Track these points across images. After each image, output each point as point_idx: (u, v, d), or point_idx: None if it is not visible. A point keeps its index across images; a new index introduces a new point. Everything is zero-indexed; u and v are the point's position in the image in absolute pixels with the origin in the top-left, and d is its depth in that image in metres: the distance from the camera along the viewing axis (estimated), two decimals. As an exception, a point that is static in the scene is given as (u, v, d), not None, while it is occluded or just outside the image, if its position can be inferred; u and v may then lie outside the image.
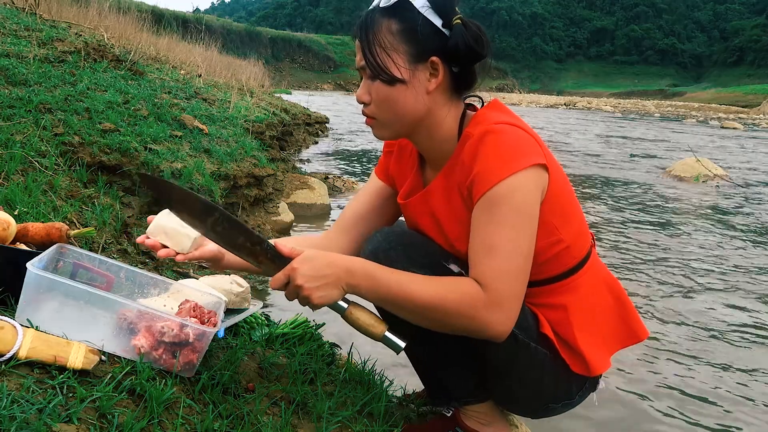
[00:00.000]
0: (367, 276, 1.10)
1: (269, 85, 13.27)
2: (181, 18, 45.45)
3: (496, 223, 1.09)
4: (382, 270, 1.11)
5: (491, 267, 1.08)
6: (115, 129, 2.97)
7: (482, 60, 1.17)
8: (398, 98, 1.15)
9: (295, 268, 1.09)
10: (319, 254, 1.10)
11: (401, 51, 1.13)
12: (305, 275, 1.08)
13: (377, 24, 1.14)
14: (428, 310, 1.10)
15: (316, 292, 1.08)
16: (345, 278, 1.09)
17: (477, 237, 1.11)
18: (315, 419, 1.30)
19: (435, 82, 1.15)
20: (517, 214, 1.09)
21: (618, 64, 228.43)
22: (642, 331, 1.34)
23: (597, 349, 1.27)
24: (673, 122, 28.99)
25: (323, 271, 1.08)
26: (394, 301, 1.11)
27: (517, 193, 1.08)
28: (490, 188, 1.08)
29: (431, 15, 1.12)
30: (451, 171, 1.20)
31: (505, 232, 1.08)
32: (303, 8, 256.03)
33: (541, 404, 1.34)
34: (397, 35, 1.13)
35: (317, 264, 1.09)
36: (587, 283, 1.28)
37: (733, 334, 2.73)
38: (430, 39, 1.13)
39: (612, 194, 6.58)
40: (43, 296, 1.18)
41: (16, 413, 0.90)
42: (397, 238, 1.26)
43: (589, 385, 1.33)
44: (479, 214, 1.11)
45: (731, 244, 4.53)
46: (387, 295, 1.10)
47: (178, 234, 1.20)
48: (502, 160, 1.09)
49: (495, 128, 1.12)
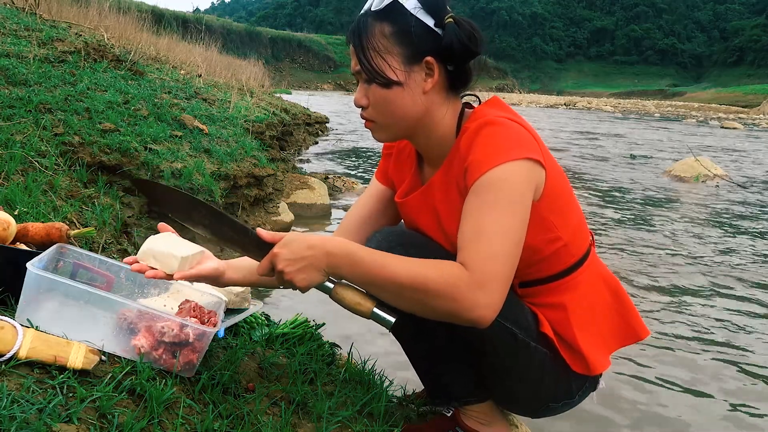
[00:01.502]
0: (347, 256, 1.08)
1: (269, 85, 13.27)
2: (181, 18, 45.48)
3: (487, 208, 1.07)
4: (363, 250, 1.10)
5: (478, 250, 1.06)
6: (115, 129, 2.98)
7: (477, 57, 1.17)
8: (395, 100, 1.16)
9: (275, 253, 1.09)
10: (298, 237, 1.10)
11: (395, 53, 1.13)
12: (285, 259, 1.08)
13: (370, 28, 1.14)
14: (410, 290, 1.06)
15: (298, 275, 1.09)
16: (325, 260, 1.08)
17: (466, 222, 1.10)
18: (315, 419, 1.30)
19: (431, 81, 1.15)
20: (508, 200, 1.07)
21: (618, 64, 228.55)
22: (642, 329, 1.34)
23: (597, 348, 1.27)
24: (673, 122, 28.98)
25: (303, 253, 1.08)
26: (375, 281, 1.08)
27: (509, 180, 1.07)
28: (482, 174, 1.08)
29: (423, 15, 1.12)
30: (450, 165, 1.21)
31: (494, 217, 1.07)
32: (303, 8, 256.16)
33: (542, 404, 1.34)
34: (390, 38, 1.13)
35: (296, 247, 1.08)
36: (586, 282, 1.28)
37: (732, 335, 2.73)
38: (424, 39, 1.13)
39: (611, 194, 6.58)
40: (43, 296, 1.18)
41: (16, 413, 0.90)
42: (396, 238, 1.26)
43: (589, 384, 1.33)
44: (470, 200, 1.10)
45: (731, 244, 4.53)
46: (368, 275, 1.08)
47: (165, 256, 1.17)
48: (496, 149, 1.09)
49: (493, 120, 1.12)
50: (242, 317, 1.65)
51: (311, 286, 1.11)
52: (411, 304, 1.09)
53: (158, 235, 1.23)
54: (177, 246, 1.19)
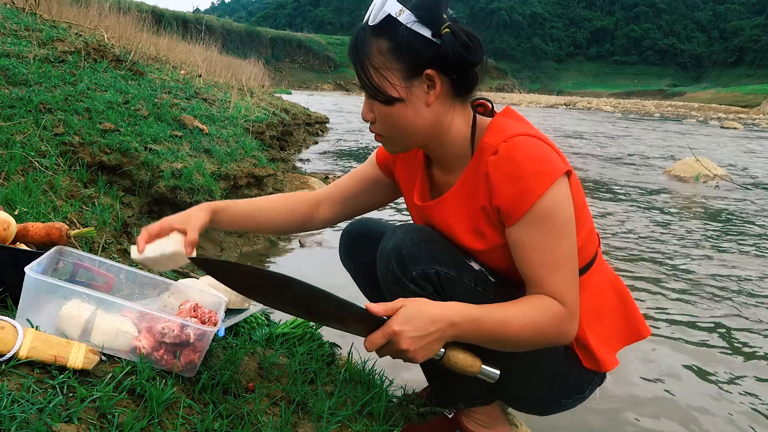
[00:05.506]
0: (471, 322, 1.08)
1: (269, 85, 13.27)
2: (181, 18, 45.46)
3: (551, 238, 1.11)
4: (483, 312, 1.09)
5: (562, 281, 1.12)
6: (115, 129, 2.98)
7: (477, 65, 1.15)
8: (400, 116, 1.14)
9: (397, 331, 1.03)
10: (417, 310, 1.05)
11: (395, 69, 1.11)
12: (410, 338, 1.03)
13: (368, 45, 1.12)
14: (528, 338, 1.11)
15: (422, 352, 1.06)
16: (449, 331, 1.07)
17: (535, 254, 1.12)
18: (315, 419, 1.30)
19: (434, 94, 1.14)
20: (565, 224, 1.12)
21: (618, 64, 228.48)
22: (644, 328, 1.36)
23: (606, 347, 1.29)
24: (673, 122, 28.99)
25: (428, 329, 1.04)
26: (498, 338, 1.10)
27: (559, 205, 1.11)
28: (532, 206, 1.09)
29: (419, 28, 1.09)
30: (472, 184, 1.19)
31: (563, 245, 1.12)
32: (303, 8, 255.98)
33: (554, 400, 1.34)
34: (387, 54, 1.11)
35: (420, 324, 1.04)
36: (594, 284, 1.28)
37: (732, 334, 2.73)
38: (422, 52, 1.10)
39: (611, 194, 6.58)
40: (43, 298, 1.18)
41: (17, 413, 0.90)
42: (418, 235, 1.24)
43: (597, 378, 1.34)
44: (526, 233, 1.12)
45: (731, 244, 4.53)
46: (491, 335, 1.10)
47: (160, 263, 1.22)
48: (534, 176, 1.09)
49: (517, 142, 1.11)
50: (242, 317, 1.65)
51: (428, 357, 1.09)
52: (522, 347, 1.15)
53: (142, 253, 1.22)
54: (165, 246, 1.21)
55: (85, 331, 1.15)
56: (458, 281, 1.19)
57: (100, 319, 1.16)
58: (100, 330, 1.16)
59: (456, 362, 1.12)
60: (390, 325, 1.04)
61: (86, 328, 1.15)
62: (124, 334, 1.17)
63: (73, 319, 1.15)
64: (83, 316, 1.15)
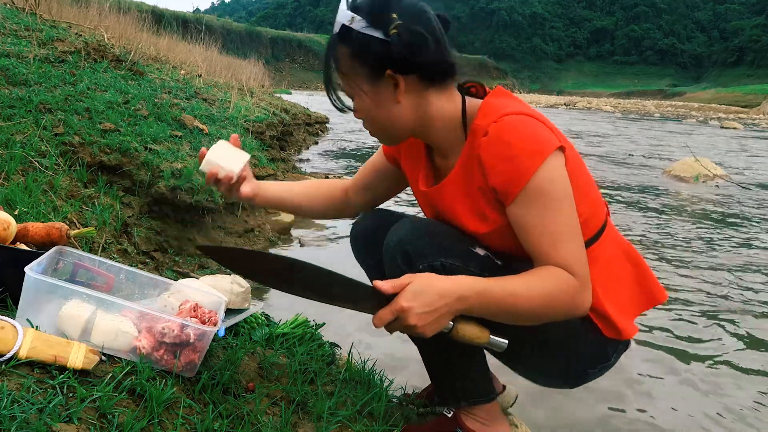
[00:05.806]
0: (478, 295, 1.08)
1: (269, 85, 13.27)
2: (181, 18, 45.50)
3: (552, 211, 1.12)
4: (492, 285, 1.09)
5: (569, 252, 1.12)
6: (115, 129, 2.98)
7: (435, 61, 1.16)
8: (378, 115, 1.21)
9: (405, 308, 1.04)
10: (424, 285, 1.06)
11: (360, 73, 1.17)
12: (418, 314, 1.04)
13: (336, 52, 1.18)
14: (541, 309, 1.11)
15: (430, 327, 1.06)
16: (457, 305, 1.07)
17: (534, 231, 1.13)
18: (315, 419, 1.30)
19: (399, 91, 1.17)
20: (563, 198, 1.12)
21: (618, 64, 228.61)
22: (660, 293, 1.36)
23: (624, 316, 1.29)
24: (673, 122, 28.99)
25: (436, 305, 1.05)
26: (508, 310, 1.10)
27: (553, 179, 1.11)
28: (526, 184, 1.10)
29: (372, 31, 1.13)
30: (468, 167, 1.20)
31: (561, 218, 1.12)
32: (303, 8, 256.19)
33: (581, 371, 1.34)
34: (350, 59, 1.16)
35: (428, 299, 1.05)
36: (607, 252, 1.28)
37: (732, 334, 2.73)
38: (378, 54, 1.14)
39: (611, 194, 6.58)
40: (43, 298, 1.18)
41: (17, 413, 0.90)
42: (423, 227, 1.26)
43: (622, 345, 1.33)
44: (525, 210, 1.13)
45: (731, 244, 4.54)
46: (500, 307, 1.10)
47: (228, 160, 1.27)
48: (526, 154, 1.10)
49: (507, 122, 1.12)
50: (242, 317, 1.65)
51: (437, 332, 1.09)
52: (534, 320, 1.14)
53: (214, 146, 1.29)
54: (234, 152, 1.29)
55: (85, 331, 1.16)
56: (464, 270, 1.19)
57: (100, 319, 1.17)
58: (100, 330, 1.16)
59: (464, 334, 1.12)
60: (398, 301, 1.05)
61: (86, 328, 1.16)
62: (124, 334, 1.17)
63: (73, 319, 1.15)
64: (83, 316, 1.15)
